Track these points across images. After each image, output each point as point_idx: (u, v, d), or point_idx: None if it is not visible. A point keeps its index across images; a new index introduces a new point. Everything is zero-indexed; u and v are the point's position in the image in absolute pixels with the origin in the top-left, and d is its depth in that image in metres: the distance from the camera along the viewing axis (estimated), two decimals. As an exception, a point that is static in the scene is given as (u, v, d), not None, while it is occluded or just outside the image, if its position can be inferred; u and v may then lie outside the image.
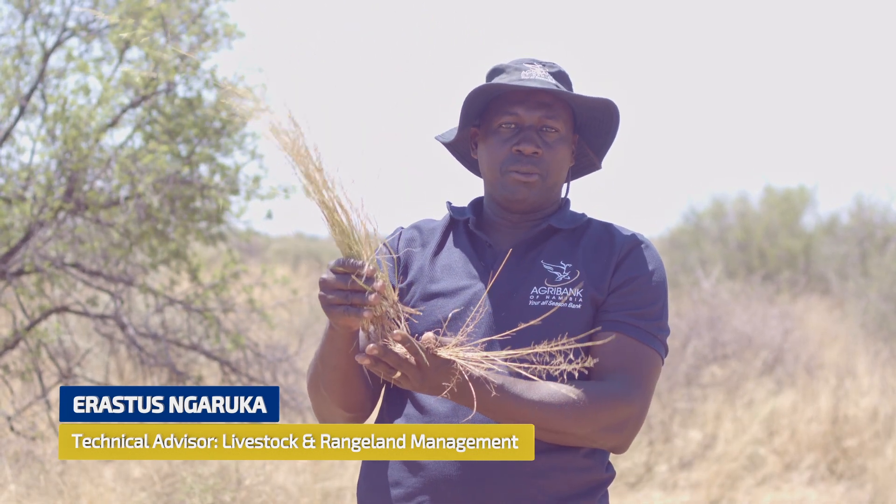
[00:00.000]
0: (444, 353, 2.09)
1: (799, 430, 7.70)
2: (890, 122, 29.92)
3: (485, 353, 2.10)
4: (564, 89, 2.38)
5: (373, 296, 2.06)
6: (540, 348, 2.13)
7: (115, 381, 7.56)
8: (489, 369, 2.13)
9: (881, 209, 15.38)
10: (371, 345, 2.06)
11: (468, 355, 2.09)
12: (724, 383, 8.39)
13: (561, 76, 2.40)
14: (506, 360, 2.10)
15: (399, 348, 2.08)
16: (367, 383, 2.32)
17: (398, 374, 2.08)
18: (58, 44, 6.39)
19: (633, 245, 2.35)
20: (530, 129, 2.35)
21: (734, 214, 16.82)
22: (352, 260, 2.09)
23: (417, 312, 2.19)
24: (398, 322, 2.11)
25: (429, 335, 2.08)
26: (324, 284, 2.10)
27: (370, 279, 2.07)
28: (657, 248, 2.52)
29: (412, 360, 2.08)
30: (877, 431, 7.76)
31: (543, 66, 2.40)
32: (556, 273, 2.32)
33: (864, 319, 11.81)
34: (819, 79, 34.81)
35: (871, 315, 11.81)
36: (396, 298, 2.11)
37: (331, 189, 2.08)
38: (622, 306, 2.30)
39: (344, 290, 2.08)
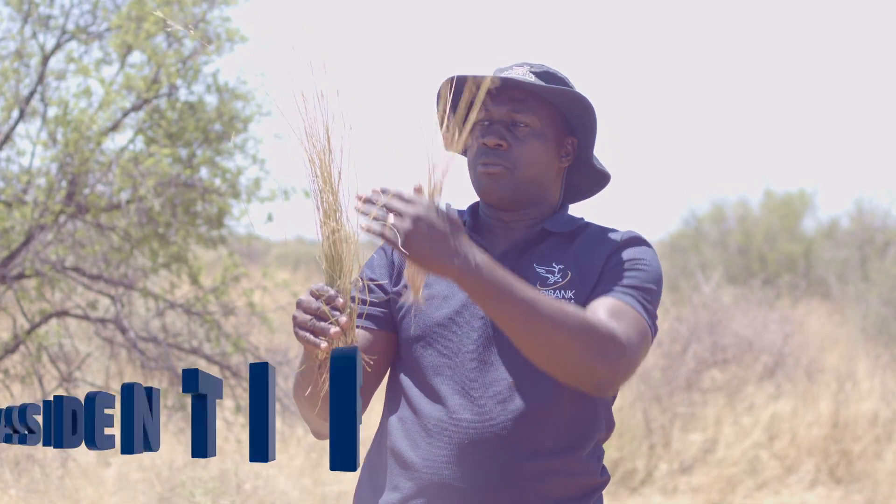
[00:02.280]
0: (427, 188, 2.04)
1: (799, 435, 7.70)
2: (890, 126, 29.93)
3: None
4: (541, 83, 2.36)
5: (334, 329, 2.05)
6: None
7: (115, 386, 7.56)
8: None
9: (881, 213, 15.38)
10: (359, 195, 2.02)
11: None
12: (724, 387, 8.39)
13: (546, 76, 2.39)
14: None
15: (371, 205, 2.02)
16: None
17: (391, 218, 2.00)
18: (57, 47, 6.39)
19: (629, 240, 2.34)
20: (498, 124, 2.34)
21: (734, 218, 16.82)
22: (330, 289, 2.08)
23: (369, 361, 2.17)
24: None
25: (416, 185, 2.04)
26: (298, 304, 2.10)
27: (339, 312, 2.07)
28: (657, 252, 2.50)
29: (398, 197, 2.02)
30: (877, 436, 7.76)
31: (531, 66, 2.40)
32: (548, 276, 2.31)
33: (865, 324, 11.81)
34: (819, 82, 34.82)
35: (872, 319, 11.82)
36: (356, 340, 2.10)
37: (338, 218, 2.08)
38: (612, 281, 2.27)
39: (313, 315, 2.08)
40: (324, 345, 2.05)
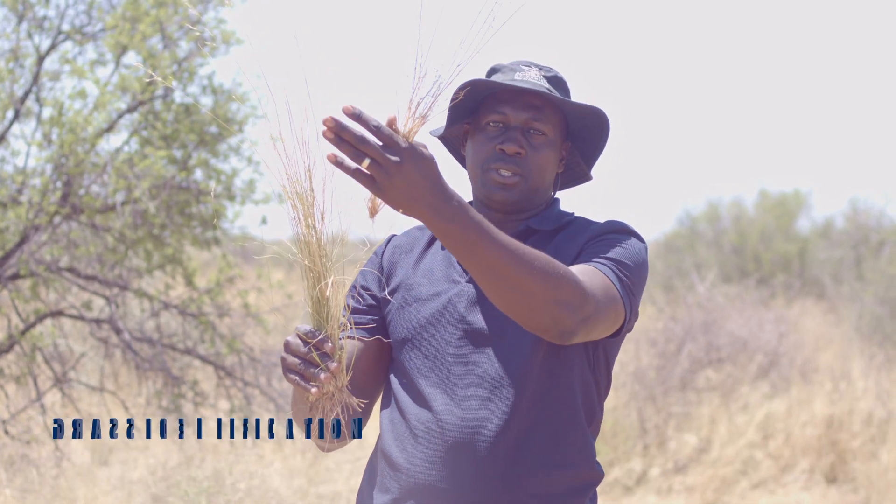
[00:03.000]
0: (403, 127, 1.96)
1: (794, 434, 7.71)
2: (885, 125, 29.99)
3: None
4: (557, 93, 2.38)
5: (324, 375, 2.07)
6: None
7: (110, 386, 7.56)
8: None
9: (876, 213, 15.42)
10: (327, 116, 1.92)
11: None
12: (719, 387, 8.39)
13: (556, 81, 2.40)
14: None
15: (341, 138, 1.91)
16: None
17: (366, 162, 1.92)
18: (52, 47, 6.39)
19: (611, 225, 2.33)
20: (516, 130, 2.34)
21: (729, 218, 16.82)
22: (319, 333, 2.09)
23: (360, 405, 2.15)
24: (340, 406, 2.12)
25: (390, 117, 1.95)
26: (286, 346, 2.11)
27: (328, 357, 2.08)
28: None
29: (373, 141, 1.92)
30: (871, 435, 7.77)
31: (540, 69, 2.40)
32: None
33: (859, 323, 11.83)
34: (814, 83, 34.88)
35: (866, 319, 11.84)
36: (346, 384, 2.12)
37: (323, 262, 2.09)
38: (589, 256, 2.26)
39: (302, 359, 2.09)
40: (314, 389, 2.08)
